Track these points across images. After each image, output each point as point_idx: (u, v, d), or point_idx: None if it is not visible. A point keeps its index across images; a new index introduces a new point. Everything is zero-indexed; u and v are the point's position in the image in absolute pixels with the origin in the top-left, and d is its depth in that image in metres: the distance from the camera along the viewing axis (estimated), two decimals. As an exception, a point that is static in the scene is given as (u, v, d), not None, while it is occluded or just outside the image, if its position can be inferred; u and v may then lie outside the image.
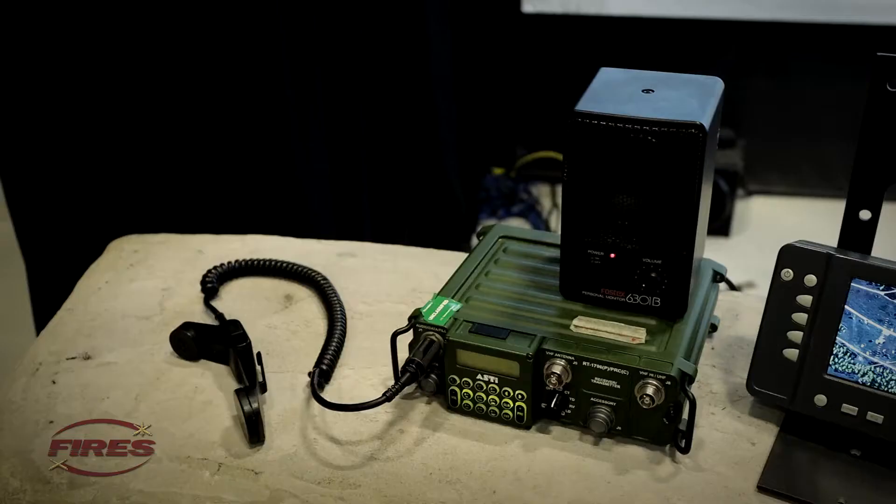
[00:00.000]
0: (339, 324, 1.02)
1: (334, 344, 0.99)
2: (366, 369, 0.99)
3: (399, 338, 0.91)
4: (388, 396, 0.85)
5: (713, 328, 1.02)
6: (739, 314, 1.07)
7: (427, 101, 2.44)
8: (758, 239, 2.89)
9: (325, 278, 1.10)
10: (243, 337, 0.96)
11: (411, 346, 0.91)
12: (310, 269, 1.12)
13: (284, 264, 1.13)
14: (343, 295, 1.10)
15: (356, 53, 2.02)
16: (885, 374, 0.82)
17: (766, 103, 3.05)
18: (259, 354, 0.95)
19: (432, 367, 0.90)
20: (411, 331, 0.91)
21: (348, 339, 1.03)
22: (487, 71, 2.91)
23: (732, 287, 1.12)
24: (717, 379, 0.96)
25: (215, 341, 0.99)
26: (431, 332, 0.89)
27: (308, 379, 0.94)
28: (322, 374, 0.95)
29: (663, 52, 2.97)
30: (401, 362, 0.89)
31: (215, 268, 1.13)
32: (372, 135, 2.19)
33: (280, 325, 1.07)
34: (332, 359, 0.97)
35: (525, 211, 2.89)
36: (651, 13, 2.93)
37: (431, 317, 0.90)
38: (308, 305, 1.10)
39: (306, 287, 1.13)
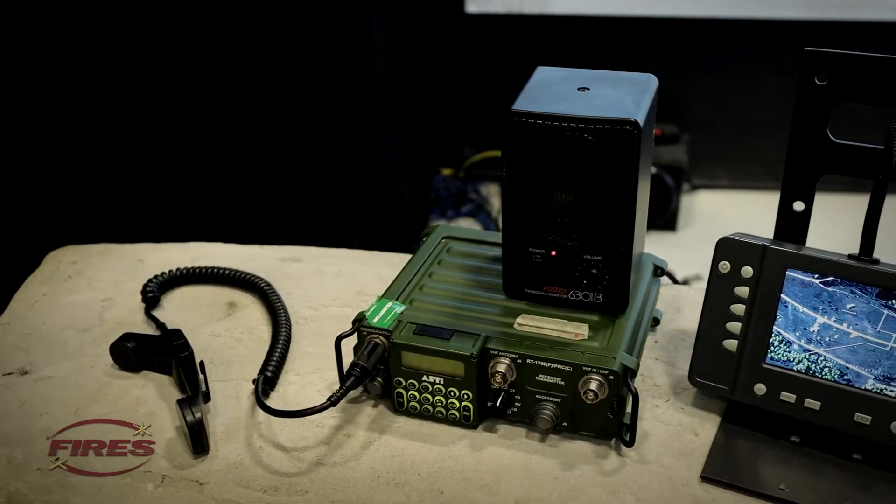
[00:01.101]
0: (283, 330, 1.01)
1: (279, 350, 0.98)
2: (312, 374, 0.98)
3: (344, 342, 0.90)
4: (332, 401, 0.84)
5: (656, 322, 1.03)
6: (682, 307, 1.08)
7: (372, 103, 2.44)
8: (704, 232, 2.93)
9: (268, 284, 1.09)
10: (185, 346, 0.94)
11: (356, 349, 0.91)
12: (253, 276, 1.11)
13: (226, 271, 1.12)
14: (288, 300, 1.09)
15: (299, 57, 2.01)
16: (819, 362, 0.84)
17: (708, 99, 3.11)
18: (202, 363, 0.93)
19: (378, 369, 0.90)
20: (356, 334, 0.90)
21: (293, 345, 1.02)
22: (433, 72, 2.92)
23: (675, 281, 1.14)
24: (661, 372, 0.98)
25: (157, 352, 0.97)
26: (376, 335, 0.89)
27: (253, 386, 0.93)
28: (267, 381, 0.94)
29: (606, 50, 3.01)
30: (346, 366, 0.89)
31: (156, 277, 1.11)
32: (318, 140, 2.18)
33: (223, 332, 1.05)
34: (277, 365, 0.96)
35: (474, 211, 2.90)
36: (593, 12, 2.96)
37: (375, 319, 0.90)
38: (252, 312, 1.09)
39: (250, 294, 1.12)
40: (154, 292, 1.09)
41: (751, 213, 2.97)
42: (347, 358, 0.90)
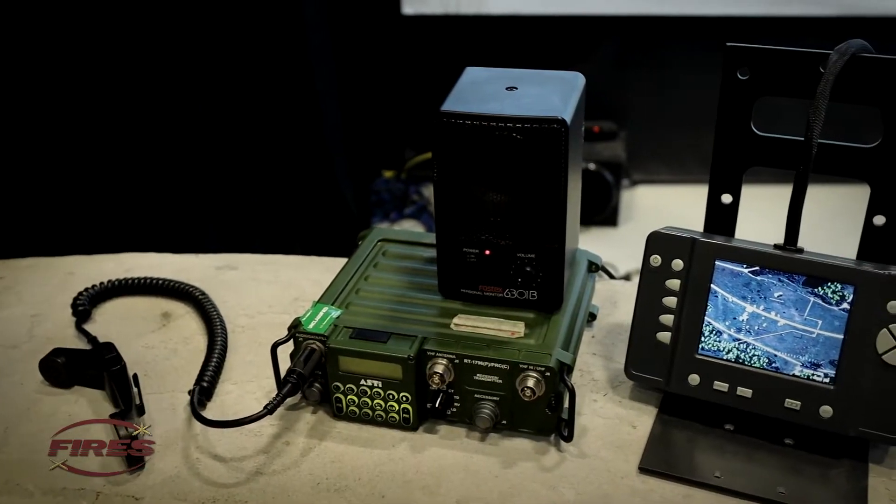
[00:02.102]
0: (218, 339, 1.00)
1: (215, 360, 0.97)
2: (249, 383, 0.97)
3: (281, 349, 0.89)
4: (269, 409, 0.83)
5: (592, 317, 1.04)
6: (618, 302, 1.09)
7: (312, 108, 2.42)
8: (645, 227, 2.94)
9: (203, 293, 1.08)
10: (117, 359, 0.93)
11: (293, 356, 0.90)
12: (187, 285, 1.09)
13: (159, 281, 1.10)
14: (223, 309, 1.07)
15: (236, 64, 1.98)
16: (748, 350, 0.86)
17: (645, 95, 3.15)
18: (135, 376, 0.92)
19: (315, 375, 0.89)
20: (292, 341, 0.89)
21: (230, 354, 1.01)
22: (372, 74, 2.91)
23: (611, 276, 1.15)
24: (599, 366, 0.99)
25: (88, 366, 0.95)
26: (312, 341, 0.88)
27: (189, 398, 0.92)
28: (203, 391, 0.92)
29: (543, 49, 3.03)
30: (284, 373, 0.88)
31: (87, 290, 1.09)
32: (258, 146, 2.16)
33: (158, 344, 1.03)
34: (213, 375, 0.95)
35: (417, 212, 2.90)
36: (529, 11, 2.98)
37: (311, 325, 0.89)
38: (186, 322, 1.07)
39: (184, 303, 1.10)
40: (85, 305, 1.06)
41: (690, 206, 3.00)
42: (285, 365, 0.89)
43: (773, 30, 2.93)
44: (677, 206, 3.03)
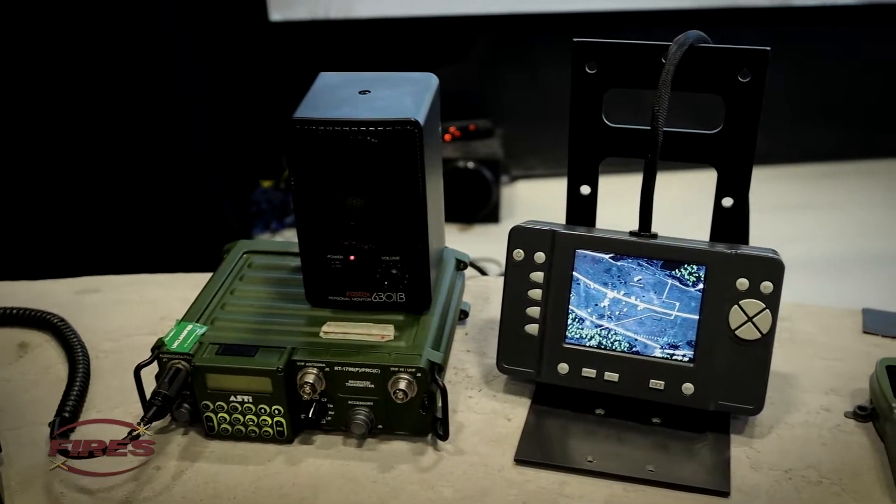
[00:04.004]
0: (80, 366, 0.96)
1: (77, 388, 0.93)
2: (115, 409, 0.94)
3: (146, 371, 0.86)
4: (133, 436, 0.80)
5: (465, 315, 1.05)
6: (490, 297, 1.11)
7: (183, 121, 2.36)
8: (526, 222, 3.03)
9: (61, 319, 1.03)
10: (-33, 397, 0.88)
11: (158, 377, 0.87)
12: (43, 312, 1.04)
13: (14, 310, 1.05)
14: (86, 334, 1.03)
15: (101, 81, 1.91)
16: (609, 336, 0.89)
17: (519, 92, 3.21)
18: (-11, 413, 0.87)
19: (183, 395, 0.87)
20: (156, 362, 0.87)
21: (94, 380, 0.97)
22: (244, 83, 2.85)
23: (483, 273, 1.16)
24: (472, 363, 1.00)
25: (-63, 406, 0.90)
26: (177, 361, 0.86)
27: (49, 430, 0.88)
28: (64, 421, 0.88)
29: (415, 51, 3.04)
30: (150, 396, 0.85)
31: (-66, 325, 1.02)
32: (122, 161, 2.09)
33: (15, 376, 0.98)
34: (76, 404, 0.91)
35: (298, 221, 2.86)
36: (399, 13, 2.98)
37: (175, 344, 0.87)
38: (46, 352, 1.02)
39: (43, 332, 1.05)
40: (-68, 342, 1.00)
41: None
42: (153, 388, 0.86)
43: (638, 23, 3.03)
44: (556, 199, 3.08)
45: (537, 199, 3.15)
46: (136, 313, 1.09)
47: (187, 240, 2.39)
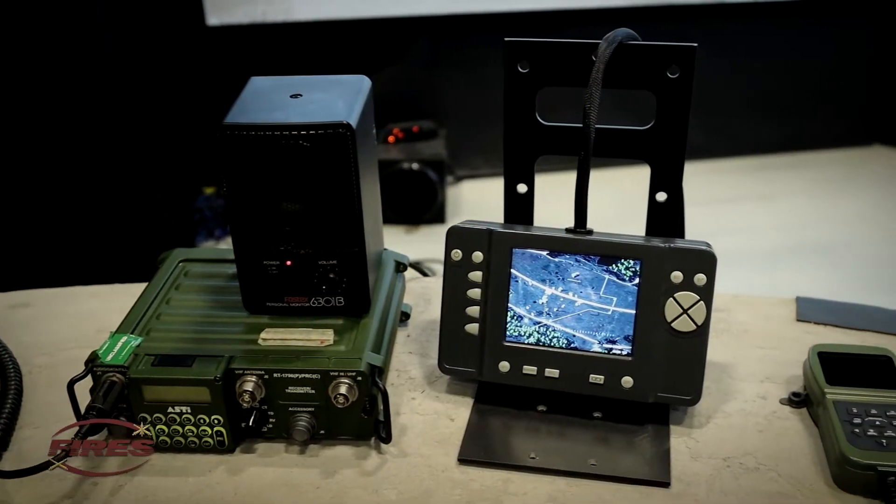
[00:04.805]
0: (12, 383, 0.93)
1: (8, 406, 0.90)
2: (52, 425, 0.91)
3: (81, 385, 0.85)
4: (66, 451, 0.79)
5: (406, 316, 1.05)
6: (431, 299, 1.11)
7: (117, 128, 2.32)
8: (472, 221, 3.03)
9: (-8, 336, 1.01)
10: None
11: (92, 391, 0.85)
12: (-27, 329, 1.02)
13: (-59, 328, 1.02)
14: (18, 349, 1.00)
15: (30, 81, 1.87)
16: (547, 333, 0.89)
17: (461, 92, 3.22)
18: (-84, 435, 0.84)
19: (120, 408, 0.85)
20: (90, 376, 0.85)
21: (28, 397, 0.95)
22: (182, 90, 2.81)
23: (424, 274, 1.16)
24: (415, 364, 0.99)
25: None
26: (112, 373, 0.84)
27: (-20, 450, 0.85)
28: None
29: (356, 54, 3.03)
30: (84, 411, 0.83)
31: None
32: (61, 171, 2.04)
33: (-56, 396, 0.96)
34: (8, 422, 0.89)
35: (242, 227, 2.83)
36: (338, 16, 2.97)
37: (109, 357, 0.85)
38: (-24, 369, 1.00)
39: (-28, 349, 1.02)
40: None
41: (512, 197, 3.11)
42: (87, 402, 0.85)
43: (577, 21, 3.06)
44: (501, 198, 3.11)
45: (482, 199, 3.15)
46: (71, 326, 1.07)
47: (125, 249, 2.35)
